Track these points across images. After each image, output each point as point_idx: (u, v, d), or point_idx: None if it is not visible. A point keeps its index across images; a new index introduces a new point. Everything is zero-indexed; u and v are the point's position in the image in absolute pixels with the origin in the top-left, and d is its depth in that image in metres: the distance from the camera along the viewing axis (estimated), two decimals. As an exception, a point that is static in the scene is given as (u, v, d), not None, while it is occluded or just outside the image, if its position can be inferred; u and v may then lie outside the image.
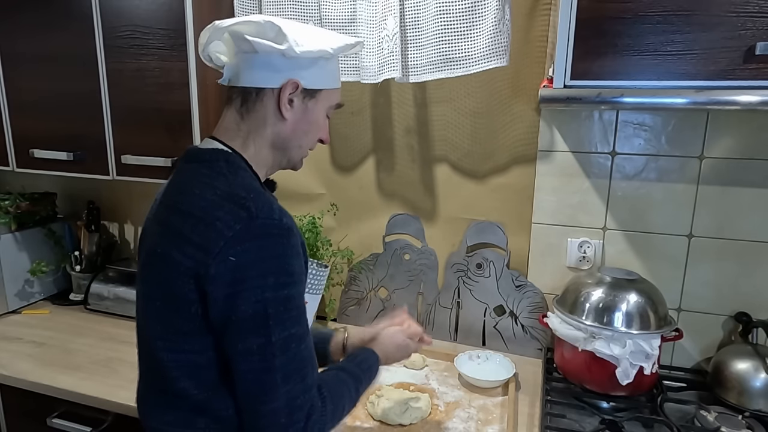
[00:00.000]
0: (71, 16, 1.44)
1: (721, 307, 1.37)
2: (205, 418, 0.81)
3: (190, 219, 0.76)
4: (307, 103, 0.87)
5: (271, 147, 0.87)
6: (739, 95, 0.96)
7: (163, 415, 0.84)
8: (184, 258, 0.74)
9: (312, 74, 0.85)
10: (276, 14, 1.43)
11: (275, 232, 0.75)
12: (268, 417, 0.76)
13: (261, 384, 0.75)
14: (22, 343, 1.54)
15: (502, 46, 1.24)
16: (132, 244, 1.98)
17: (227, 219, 0.73)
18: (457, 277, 1.55)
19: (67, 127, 1.53)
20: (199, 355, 0.79)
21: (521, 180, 1.46)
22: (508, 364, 1.39)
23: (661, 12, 0.97)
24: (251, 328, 0.74)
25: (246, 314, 0.73)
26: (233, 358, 0.76)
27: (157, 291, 0.79)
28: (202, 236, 0.73)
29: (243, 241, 0.72)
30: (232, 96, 0.86)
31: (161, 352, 0.80)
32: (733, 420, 1.15)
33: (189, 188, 0.80)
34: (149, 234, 0.85)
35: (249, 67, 0.83)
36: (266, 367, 0.75)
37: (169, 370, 0.80)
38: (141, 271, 0.84)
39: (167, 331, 0.79)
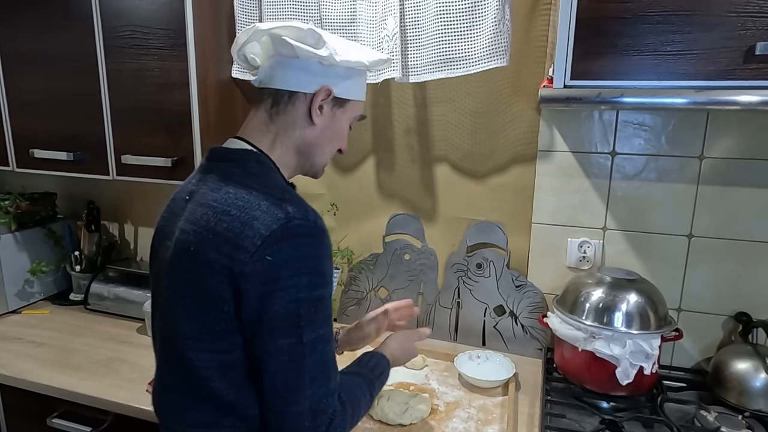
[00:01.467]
0: (71, 17, 1.44)
1: (721, 307, 1.37)
2: (232, 417, 0.81)
3: (226, 217, 0.76)
4: (335, 111, 0.89)
5: (296, 151, 0.89)
6: (739, 95, 0.96)
7: (186, 416, 0.84)
8: (220, 256, 0.74)
9: (344, 84, 0.88)
10: (276, 14, 1.43)
11: (310, 233, 0.76)
12: (293, 419, 0.76)
13: (289, 384, 0.76)
14: (22, 343, 1.54)
15: (502, 46, 1.24)
16: (132, 244, 1.98)
17: (264, 218, 0.74)
18: (457, 277, 1.55)
19: (67, 127, 1.53)
20: (228, 354, 0.78)
21: (521, 180, 1.46)
22: (508, 364, 1.39)
23: (661, 12, 0.97)
24: (283, 328, 0.74)
25: (279, 314, 0.73)
26: (263, 358, 0.76)
27: (188, 289, 0.78)
28: (239, 234, 0.73)
29: (279, 240, 0.73)
30: (262, 97, 0.88)
31: (190, 351, 0.79)
32: (733, 420, 1.15)
33: (222, 187, 0.80)
34: (176, 230, 0.83)
35: (285, 71, 0.85)
36: (295, 368, 0.75)
37: (198, 370, 0.79)
38: (170, 268, 0.82)
39: (197, 330, 0.78)
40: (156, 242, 0.91)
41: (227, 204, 0.77)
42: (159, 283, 0.87)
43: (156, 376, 0.93)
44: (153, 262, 0.92)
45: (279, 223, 0.73)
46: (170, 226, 0.86)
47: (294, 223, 0.74)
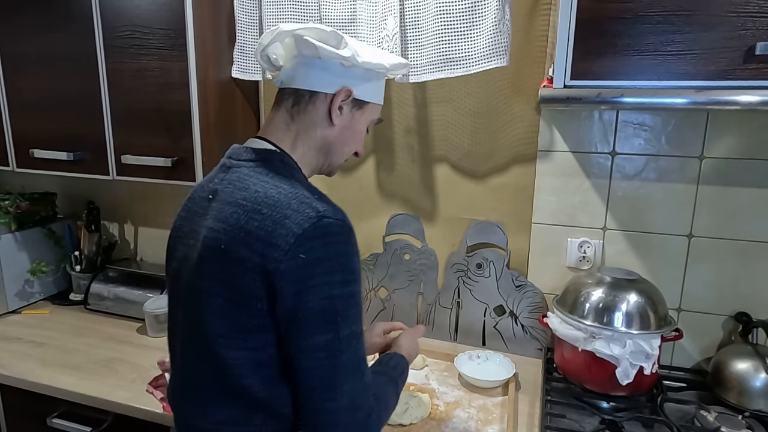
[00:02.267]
0: (71, 17, 1.44)
1: (721, 307, 1.37)
2: (262, 414, 0.81)
3: (258, 216, 0.76)
4: (354, 112, 0.91)
5: (316, 150, 0.90)
6: (739, 95, 0.96)
7: (215, 414, 0.83)
8: (252, 254, 0.74)
9: (363, 86, 0.90)
10: (276, 14, 1.43)
11: (341, 231, 0.76)
12: (332, 415, 0.76)
13: (326, 381, 0.76)
14: (22, 343, 1.54)
15: (502, 46, 1.24)
16: (132, 244, 1.98)
17: (296, 217, 0.74)
18: (457, 277, 1.55)
19: (67, 127, 1.53)
20: (260, 351, 0.79)
21: (521, 180, 1.46)
22: (508, 364, 1.39)
23: (661, 12, 0.97)
24: (319, 324, 0.74)
25: (314, 311, 0.74)
26: (298, 355, 0.76)
27: (220, 288, 0.78)
28: (272, 233, 0.74)
29: (312, 239, 0.73)
30: (283, 97, 0.90)
31: (223, 349, 0.79)
32: (733, 420, 1.15)
33: (249, 186, 0.80)
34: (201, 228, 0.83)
35: (307, 71, 0.87)
36: (332, 364, 0.75)
37: (230, 368, 0.79)
38: (199, 267, 0.81)
39: (230, 328, 0.78)
40: (173, 241, 0.91)
41: (257, 203, 0.77)
42: (178, 281, 0.86)
43: (176, 374, 0.91)
44: (170, 260, 0.91)
45: (311, 221, 0.74)
46: (191, 225, 0.86)
47: (325, 222, 0.75)
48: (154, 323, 1.59)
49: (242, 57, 1.50)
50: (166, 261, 0.93)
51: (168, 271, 0.92)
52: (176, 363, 0.91)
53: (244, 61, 1.50)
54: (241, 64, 1.51)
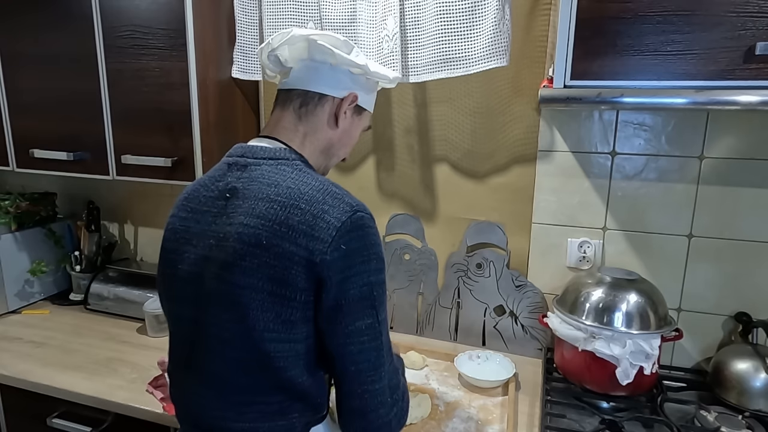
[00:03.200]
0: (71, 17, 1.44)
1: (721, 307, 1.37)
2: (300, 405, 0.85)
3: (297, 211, 0.79)
4: (354, 118, 0.97)
5: (320, 151, 0.94)
6: (739, 95, 0.95)
7: (251, 412, 0.84)
8: (297, 248, 0.77)
9: (366, 94, 0.96)
10: (276, 14, 1.43)
11: (370, 224, 0.82)
12: (377, 397, 0.82)
13: (371, 363, 0.81)
14: (22, 343, 1.54)
15: (502, 46, 1.24)
16: (132, 244, 1.98)
17: (333, 212, 0.79)
18: (457, 277, 1.55)
19: (67, 127, 1.53)
20: (301, 343, 0.81)
21: (521, 180, 1.46)
22: (508, 364, 1.39)
23: (661, 12, 0.97)
24: (361, 310, 0.80)
25: (355, 297, 0.79)
26: (345, 341, 0.80)
27: (264, 282, 0.78)
28: (313, 227, 0.78)
29: (350, 231, 0.78)
30: (290, 98, 0.92)
31: (268, 343, 0.80)
32: (733, 420, 1.15)
33: (280, 182, 0.82)
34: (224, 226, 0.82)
35: (318, 75, 0.91)
36: (376, 346, 0.81)
37: (275, 361, 0.80)
38: (236, 264, 0.79)
39: (274, 321, 0.79)
40: (176, 243, 0.88)
41: (293, 198, 0.80)
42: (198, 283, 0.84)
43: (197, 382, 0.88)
44: (173, 262, 0.88)
45: (347, 215, 0.79)
46: (201, 225, 0.85)
47: (358, 215, 0.80)
48: (154, 323, 1.59)
49: (242, 57, 1.50)
50: (166, 263, 0.90)
51: (173, 274, 0.88)
52: (201, 371, 0.87)
53: (244, 61, 1.50)
54: (241, 64, 1.51)
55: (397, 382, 0.86)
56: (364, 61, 0.90)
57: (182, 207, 0.90)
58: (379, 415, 0.82)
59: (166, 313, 0.95)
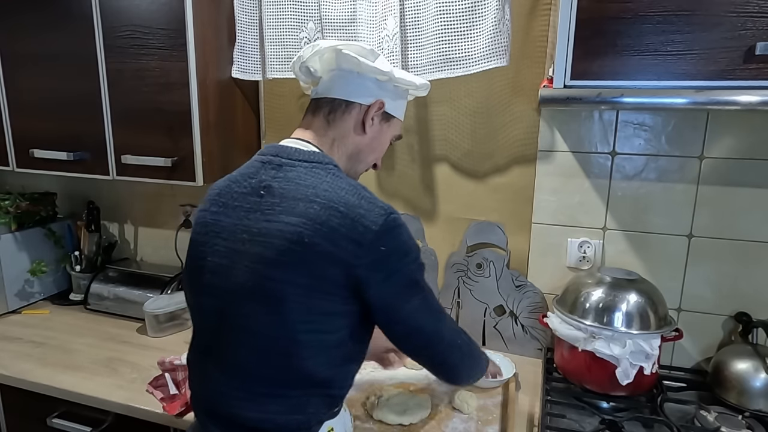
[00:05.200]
0: (71, 17, 1.44)
1: (721, 307, 1.37)
2: (319, 398, 0.91)
3: (337, 213, 0.83)
4: (382, 125, 1.00)
5: (348, 156, 0.98)
6: (739, 95, 0.96)
7: (271, 404, 0.88)
8: (337, 249, 0.82)
9: (393, 101, 1.00)
10: (276, 14, 1.43)
11: (401, 222, 0.88)
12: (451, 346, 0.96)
13: (434, 325, 0.93)
14: (22, 343, 1.54)
15: (502, 46, 1.24)
16: (132, 244, 1.98)
17: (369, 216, 0.83)
18: (457, 277, 1.55)
19: (67, 127, 1.53)
20: (333, 335, 0.87)
21: (521, 180, 1.46)
22: (508, 364, 1.39)
23: (661, 12, 0.97)
24: (412, 292, 0.89)
25: (405, 285, 0.88)
26: (405, 321, 0.90)
27: (303, 277, 0.83)
28: (352, 230, 0.82)
29: (387, 232, 0.84)
30: (320, 106, 0.97)
31: (301, 334, 0.85)
32: (733, 420, 1.15)
33: (317, 185, 0.86)
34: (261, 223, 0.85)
35: (345, 83, 0.95)
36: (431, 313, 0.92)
37: (302, 350, 0.86)
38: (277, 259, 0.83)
39: (309, 313, 0.85)
40: (206, 237, 0.91)
41: (332, 201, 0.84)
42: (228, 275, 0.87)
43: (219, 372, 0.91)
44: (204, 255, 0.91)
45: (383, 218, 0.84)
46: (233, 220, 0.89)
47: (392, 217, 0.85)
48: (154, 323, 1.58)
49: (242, 57, 1.50)
50: (194, 255, 0.93)
51: (198, 265, 0.92)
52: (224, 360, 0.90)
53: (244, 61, 1.50)
54: (241, 64, 1.51)
55: (456, 337, 0.98)
56: (389, 68, 0.94)
57: (213, 201, 0.93)
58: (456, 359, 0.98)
59: (190, 305, 0.98)
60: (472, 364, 1.05)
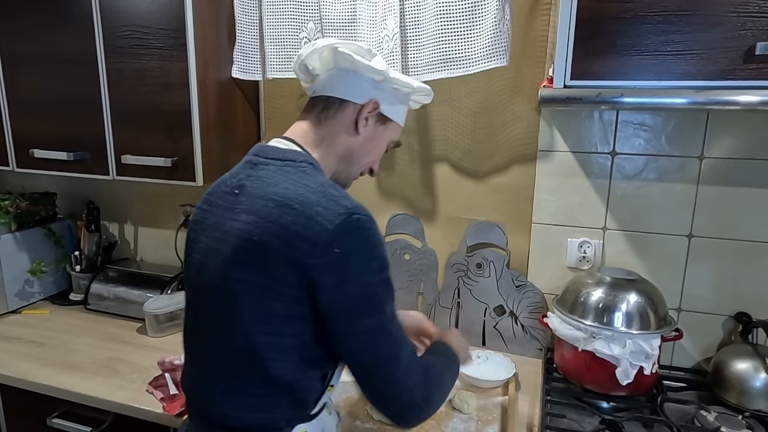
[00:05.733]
0: (71, 17, 1.44)
1: (721, 307, 1.37)
2: (286, 400, 0.87)
3: (290, 211, 0.80)
4: (378, 127, 0.97)
5: (338, 156, 0.95)
6: (739, 95, 0.96)
7: (238, 401, 0.87)
8: (287, 247, 0.79)
9: (390, 104, 0.97)
10: (276, 14, 1.43)
11: (367, 225, 0.81)
12: (399, 384, 0.84)
13: (385, 357, 0.83)
14: (22, 343, 1.54)
15: (502, 46, 1.24)
16: (132, 244, 1.98)
17: (326, 214, 0.79)
18: (457, 277, 1.55)
19: (67, 127, 1.53)
20: (292, 338, 0.83)
21: (521, 180, 1.46)
22: (508, 364, 1.39)
23: (661, 12, 0.97)
24: (366, 309, 0.81)
25: (359, 298, 0.80)
26: (352, 339, 0.82)
27: (256, 276, 0.82)
28: (305, 228, 0.78)
29: (344, 234, 0.78)
30: (314, 104, 0.96)
31: (258, 335, 0.83)
32: (733, 420, 1.15)
33: (280, 183, 0.84)
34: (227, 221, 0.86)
35: (340, 81, 0.94)
36: (386, 341, 0.83)
37: (261, 353, 0.83)
38: (233, 257, 0.84)
39: (265, 315, 0.82)
40: (195, 233, 0.93)
41: (288, 198, 0.81)
42: (202, 272, 0.89)
43: (196, 363, 0.94)
44: (191, 252, 0.94)
45: (341, 218, 0.79)
46: (215, 218, 0.90)
47: (354, 218, 0.80)
48: (154, 323, 1.58)
49: (242, 57, 1.50)
50: (186, 251, 0.96)
51: (189, 262, 0.95)
52: (198, 354, 0.94)
53: (244, 61, 1.50)
54: (241, 64, 1.51)
55: (416, 367, 0.87)
56: (384, 67, 0.92)
57: (205, 200, 0.95)
58: (404, 401, 0.85)
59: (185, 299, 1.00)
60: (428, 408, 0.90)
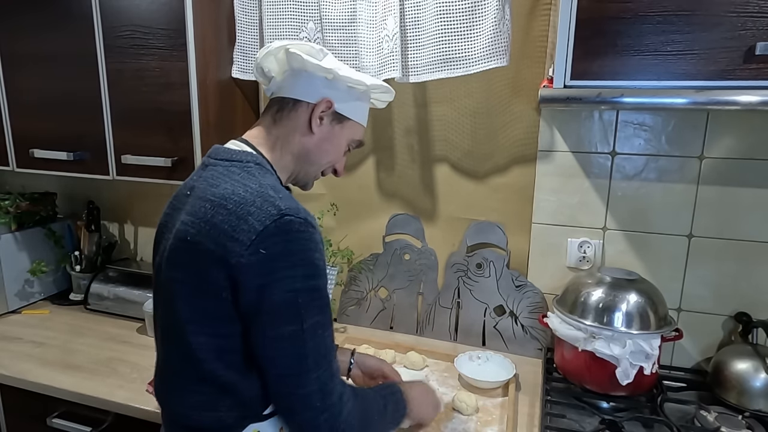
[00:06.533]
0: (71, 17, 1.44)
1: (721, 307, 1.37)
2: (230, 400, 0.86)
3: (223, 210, 0.80)
4: (334, 126, 0.96)
5: (294, 156, 0.95)
6: (739, 95, 0.96)
7: (186, 399, 0.88)
8: (216, 247, 0.78)
9: (346, 102, 0.95)
10: (276, 14, 1.43)
11: (301, 229, 0.79)
12: (304, 401, 0.81)
13: (294, 369, 0.80)
14: (22, 343, 1.54)
15: (502, 46, 1.24)
16: (132, 244, 1.98)
17: (258, 214, 0.78)
18: (457, 277, 1.55)
19: (67, 127, 1.53)
20: (225, 339, 0.83)
21: (521, 180, 1.46)
22: (509, 364, 1.39)
23: (661, 12, 0.97)
24: (284, 316, 0.78)
25: (278, 303, 0.78)
26: (264, 344, 0.80)
27: (187, 276, 0.83)
28: (235, 228, 0.78)
29: (273, 235, 0.77)
30: (270, 105, 0.96)
31: (192, 335, 0.83)
32: (733, 420, 1.15)
33: (221, 183, 0.84)
34: (177, 222, 0.87)
35: (294, 81, 0.93)
36: (298, 353, 0.80)
37: (198, 353, 0.83)
38: (170, 257, 0.86)
39: (198, 315, 0.83)
40: (158, 236, 0.96)
41: (224, 198, 0.81)
42: (160, 273, 0.91)
43: (157, 362, 0.96)
44: (155, 253, 0.96)
45: (272, 218, 0.77)
46: (172, 220, 0.91)
47: (286, 219, 0.78)
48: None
49: (242, 57, 1.50)
50: (153, 255, 0.97)
51: (153, 264, 0.97)
52: (158, 352, 0.96)
53: (244, 61, 1.50)
54: (241, 64, 1.51)
55: (333, 387, 0.82)
56: (332, 66, 0.90)
57: (169, 203, 0.96)
58: (306, 417, 0.81)
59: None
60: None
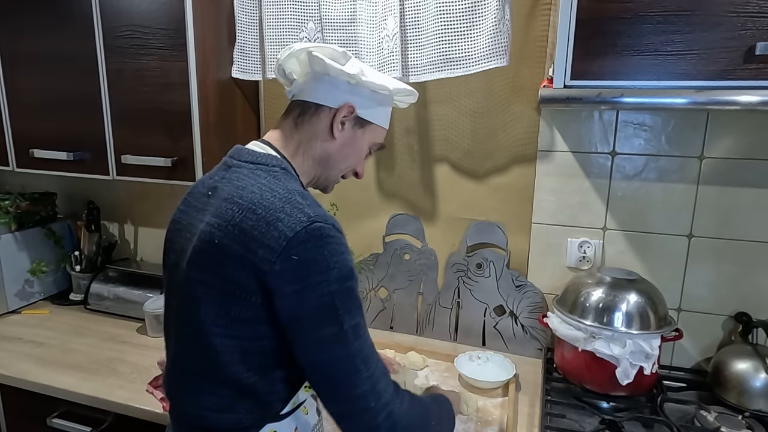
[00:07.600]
0: (71, 17, 1.44)
1: (721, 307, 1.37)
2: (249, 401, 0.86)
3: (252, 215, 0.79)
4: (356, 130, 0.96)
5: (315, 160, 0.95)
6: (739, 95, 0.96)
7: (203, 400, 0.87)
8: (247, 252, 0.78)
9: (368, 106, 0.95)
10: (276, 14, 1.43)
11: (331, 234, 0.80)
12: (358, 403, 0.79)
13: (345, 370, 0.79)
14: (22, 343, 1.54)
15: (502, 46, 1.24)
16: (132, 244, 1.98)
17: (288, 221, 0.78)
18: (457, 277, 1.55)
19: (67, 127, 1.53)
20: (250, 342, 0.82)
21: (521, 180, 1.46)
22: (509, 365, 1.39)
23: (661, 12, 0.97)
24: (323, 320, 0.78)
25: (316, 307, 0.77)
26: (311, 350, 0.79)
27: (215, 279, 0.81)
28: (265, 234, 0.77)
29: (304, 242, 0.77)
30: (292, 108, 0.95)
31: (216, 337, 0.82)
32: (733, 420, 1.15)
33: (248, 186, 0.84)
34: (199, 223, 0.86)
35: (316, 85, 0.93)
36: (346, 354, 0.79)
37: (220, 355, 0.82)
38: (193, 259, 0.84)
39: (223, 317, 0.82)
40: (172, 234, 0.94)
41: (253, 203, 0.80)
42: (176, 272, 0.89)
43: (170, 362, 0.95)
44: (168, 252, 0.94)
45: (302, 225, 0.77)
46: (188, 219, 0.90)
47: (316, 225, 0.78)
48: (154, 323, 1.58)
49: (242, 57, 1.50)
50: (164, 252, 0.96)
51: (166, 262, 0.95)
52: (170, 352, 0.95)
53: (244, 61, 1.50)
54: (241, 64, 1.51)
55: (386, 387, 0.82)
56: (357, 71, 0.90)
57: (183, 200, 0.95)
58: (364, 419, 0.80)
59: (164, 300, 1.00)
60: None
